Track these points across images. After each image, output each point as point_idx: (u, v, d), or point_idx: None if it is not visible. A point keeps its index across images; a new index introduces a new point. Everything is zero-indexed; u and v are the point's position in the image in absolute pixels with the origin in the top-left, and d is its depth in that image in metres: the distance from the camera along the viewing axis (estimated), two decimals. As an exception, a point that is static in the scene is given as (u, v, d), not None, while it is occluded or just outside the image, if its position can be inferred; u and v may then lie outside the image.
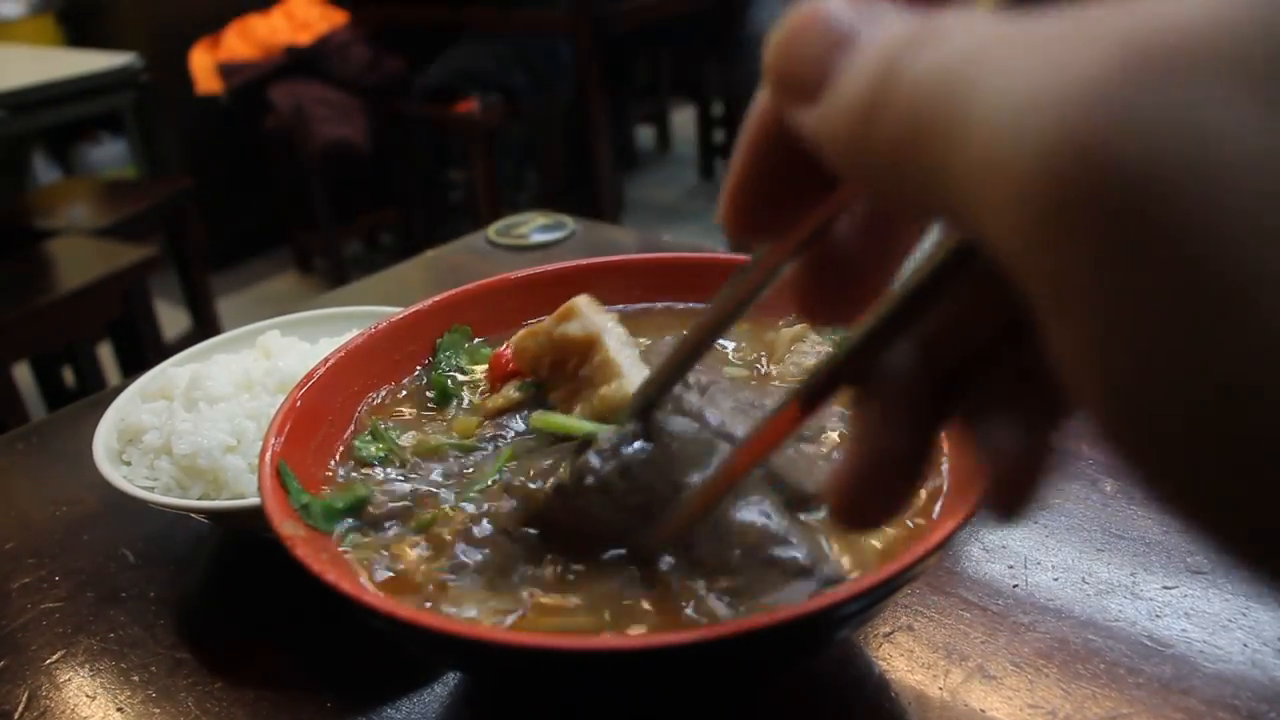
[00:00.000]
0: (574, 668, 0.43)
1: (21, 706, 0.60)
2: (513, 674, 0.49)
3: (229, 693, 0.60)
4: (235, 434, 0.70)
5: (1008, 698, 0.53)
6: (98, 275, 2.31)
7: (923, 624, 0.59)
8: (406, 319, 0.68)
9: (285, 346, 0.81)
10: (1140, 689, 0.53)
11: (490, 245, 1.25)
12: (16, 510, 0.81)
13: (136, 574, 0.71)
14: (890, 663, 0.56)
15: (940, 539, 0.43)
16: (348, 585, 0.44)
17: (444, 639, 0.42)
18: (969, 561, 0.63)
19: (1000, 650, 0.56)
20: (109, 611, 0.68)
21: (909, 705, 0.54)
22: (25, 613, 0.68)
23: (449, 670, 0.59)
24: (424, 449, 0.59)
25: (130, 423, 0.73)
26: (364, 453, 0.59)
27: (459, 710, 0.58)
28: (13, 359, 2.17)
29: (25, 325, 2.17)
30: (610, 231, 1.35)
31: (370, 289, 1.20)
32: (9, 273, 2.44)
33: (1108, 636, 0.56)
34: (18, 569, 0.73)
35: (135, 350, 2.55)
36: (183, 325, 3.03)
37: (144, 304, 2.46)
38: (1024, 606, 0.59)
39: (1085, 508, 0.67)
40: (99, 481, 0.68)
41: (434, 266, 1.25)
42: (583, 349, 0.57)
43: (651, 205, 4.57)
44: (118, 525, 0.77)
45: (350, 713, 0.58)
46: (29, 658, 0.64)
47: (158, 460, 0.70)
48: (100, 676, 0.62)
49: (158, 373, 0.80)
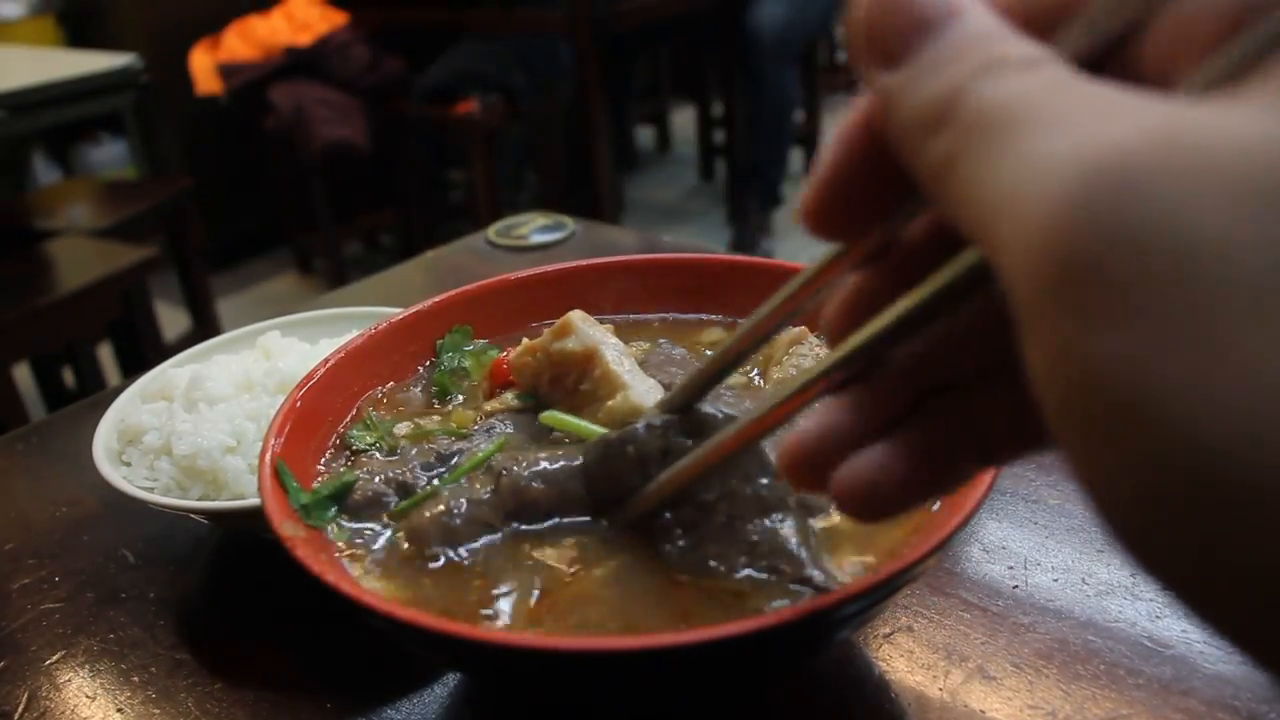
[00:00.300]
0: (574, 668, 0.43)
1: (21, 707, 0.60)
2: (513, 674, 0.49)
3: (229, 693, 0.60)
4: (235, 435, 0.70)
5: (1008, 699, 0.53)
6: (98, 275, 2.31)
7: (922, 625, 0.59)
8: (406, 320, 0.68)
9: (285, 347, 0.81)
10: (1140, 690, 0.53)
11: (490, 246, 1.25)
12: (16, 510, 0.81)
13: (136, 575, 0.71)
14: (890, 663, 0.56)
15: (940, 539, 0.43)
16: (348, 586, 0.44)
17: (444, 639, 0.42)
18: (969, 562, 0.63)
19: (1000, 651, 0.56)
20: (109, 612, 0.68)
21: (909, 706, 0.54)
22: (25, 613, 0.68)
23: (449, 670, 0.59)
24: (416, 434, 0.60)
25: (130, 423, 0.73)
26: (357, 443, 0.60)
27: (459, 710, 0.58)
28: (13, 359, 2.17)
29: (25, 325, 2.17)
30: (610, 232, 1.35)
31: (370, 289, 1.20)
32: (9, 273, 2.44)
33: (1108, 637, 0.56)
34: (18, 570, 0.73)
35: (135, 351, 2.55)
36: (183, 326, 3.03)
37: (144, 304, 2.46)
38: (1024, 607, 0.59)
39: (1085, 508, 0.67)
40: (99, 482, 0.68)
41: (434, 267, 1.25)
42: (581, 363, 0.57)
43: (651, 205, 4.57)
44: (118, 526, 0.77)
45: (350, 713, 0.58)
46: (29, 658, 0.64)
47: (158, 461, 0.70)
48: (100, 677, 0.62)
49: (158, 373, 0.80)
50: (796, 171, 4.32)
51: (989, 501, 0.67)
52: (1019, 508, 0.68)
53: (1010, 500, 0.68)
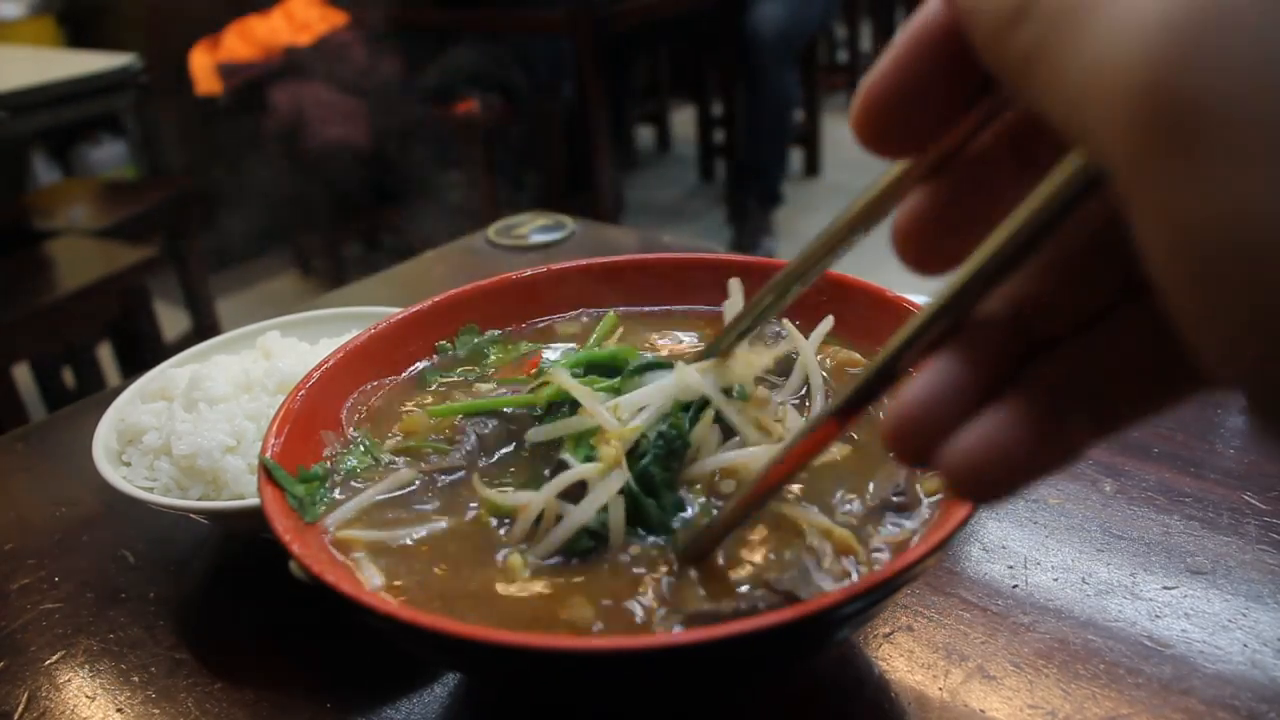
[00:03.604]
0: (574, 668, 0.43)
1: (21, 707, 0.60)
2: (513, 674, 0.49)
3: (229, 693, 0.60)
4: (235, 435, 0.70)
5: (1007, 698, 0.53)
6: (98, 276, 2.31)
7: (922, 624, 0.59)
8: (406, 319, 0.68)
9: (285, 347, 0.81)
10: (1140, 689, 0.53)
11: (490, 245, 1.25)
12: (16, 510, 0.81)
13: (136, 575, 0.71)
14: (890, 663, 0.56)
15: (940, 539, 0.43)
16: (347, 586, 0.44)
17: (444, 639, 0.42)
18: (969, 561, 0.63)
19: (1000, 650, 0.56)
20: (109, 612, 0.68)
21: (909, 705, 0.54)
22: (25, 613, 0.68)
23: (449, 670, 0.59)
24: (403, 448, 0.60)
25: (130, 423, 0.73)
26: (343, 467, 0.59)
27: (459, 710, 0.58)
28: (13, 359, 2.17)
29: (25, 326, 2.17)
30: (610, 232, 1.35)
31: (370, 289, 1.20)
32: (9, 273, 2.44)
33: (1108, 637, 0.56)
34: (18, 570, 0.73)
35: (135, 351, 2.55)
36: (183, 325, 3.03)
37: (144, 304, 2.46)
38: (1024, 607, 0.59)
39: (1085, 508, 0.67)
40: (99, 482, 0.68)
41: (434, 266, 1.25)
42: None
43: (651, 205, 4.57)
44: (118, 526, 0.77)
45: (350, 713, 0.58)
46: (29, 658, 0.64)
47: (157, 461, 0.70)
48: (100, 677, 0.62)
49: (157, 373, 0.80)
50: (796, 171, 4.32)
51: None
52: (1019, 507, 0.68)
53: (1010, 500, 0.68)
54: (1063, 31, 0.24)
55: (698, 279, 0.72)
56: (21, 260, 2.50)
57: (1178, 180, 0.20)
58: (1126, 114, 0.21)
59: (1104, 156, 0.23)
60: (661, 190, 4.76)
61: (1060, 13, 0.24)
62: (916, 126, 0.31)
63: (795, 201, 4.18)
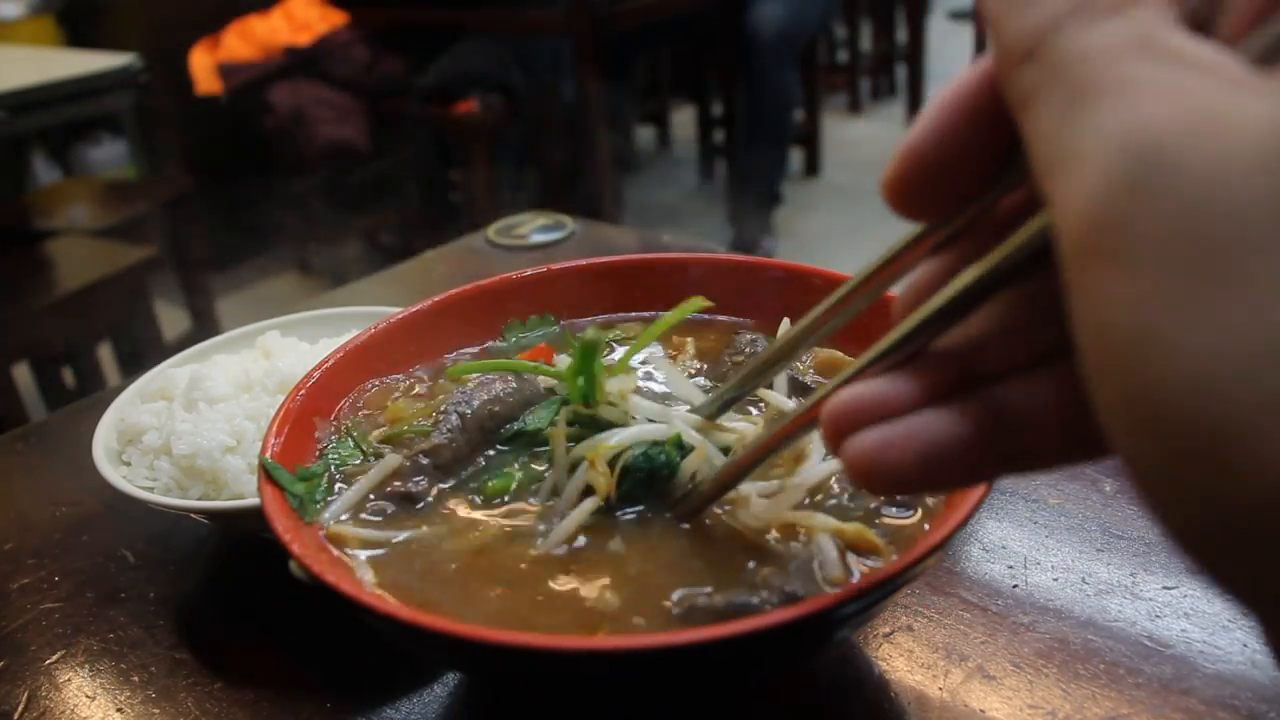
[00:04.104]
0: (573, 668, 0.43)
1: (21, 707, 0.60)
2: (513, 674, 0.49)
3: (229, 693, 0.60)
4: (235, 434, 0.70)
5: (1007, 698, 0.53)
6: (98, 275, 2.31)
7: (922, 624, 0.59)
8: (405, 319, 0.68)
9: (285, 347, 0.81)
10: (1140, 689, 0.53)
11: (490, 245, 1.25)
12: (16, 510, 0.81)
13: (136, 574, 0.71)
14: (890, 663, 0.56)
15: (940, 539, 0.43)
16: (347, 586, 0.44)
17: (444, 639, 0.42)
18: (969, 561, 0.63)
19: (1000, 650, 0.56)
20: (109, 612, 0.68)
21: (909, 705, 0.54)
22: (25, 613, 0.68)
23: (449, 670, 0.59)
24: (390, 436, 0.60)
25: (130, 423, 0.73)
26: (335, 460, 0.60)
27: (459, 710, 0.58)
28: (13, 359, 2.17)
29: (25, 325, 2.17)
30: (610, 232, 1.35)
31: (370, 289, 1.20)
32: (9, 273, 2.44)
33: (1108, 637, 0.56)
34: (18, 569, 0.73)
35: (135, 350, 2.55)
36: (183, 325, 3.03)
37: (144, 304, 2.45)
38: (1024, 606, 0.59)
39: (1085, 508, 0.67)
40: (99, 482, 0.68)
41: (434, 266, 1.25)
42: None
43: (651, 205, 4.57)
44: (117, 526, 0.77)
45: (350, 713, 0.58)
46: (29, 658, 0.64)
47: (157, 461, 0.70)
48: (100, 677, 0.62)
49: (157, 373, 0.80)
50: (796, 171, 4.31)
51: (989, 501, 0.68)
52: (1019, 507, 0.68)
53: (1010, 500, 0.68)
54: (1057, 99, 0.25)
55: (698, 279, 0.72)
56: (21, 260, 2.50)
57: (1101, 277, 0.23)
58: (1084, 209, 0.24)
59: (1060, 229, 0.25)
60: (661, 190, 4.76)
61: (1060, 78, 0.26)
62: (947, 193, 0.32)
63: (795, 201, 4.18)
